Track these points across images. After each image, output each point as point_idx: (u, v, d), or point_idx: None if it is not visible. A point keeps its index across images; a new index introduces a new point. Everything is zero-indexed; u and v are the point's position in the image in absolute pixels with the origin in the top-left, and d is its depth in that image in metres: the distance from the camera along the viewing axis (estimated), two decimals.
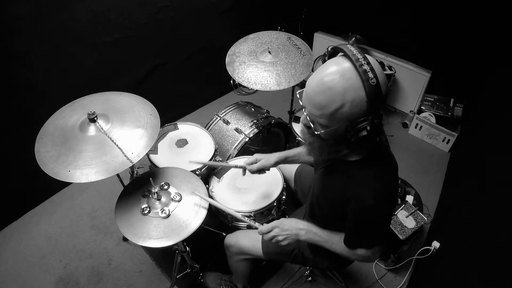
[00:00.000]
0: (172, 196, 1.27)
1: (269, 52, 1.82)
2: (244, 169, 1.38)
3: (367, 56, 0.78)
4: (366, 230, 1.00)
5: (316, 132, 0.86)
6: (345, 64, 0.77)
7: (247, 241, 1.37)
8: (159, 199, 1.23)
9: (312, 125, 0.86)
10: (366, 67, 0.74)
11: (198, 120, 2.01)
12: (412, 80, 2.79)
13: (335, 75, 0.77)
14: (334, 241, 1.10)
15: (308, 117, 0.86)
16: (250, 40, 1.93)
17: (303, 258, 1.33)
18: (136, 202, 1.26)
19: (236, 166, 1.44)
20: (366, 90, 0.74)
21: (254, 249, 1.35)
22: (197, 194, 1.27)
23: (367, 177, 0.92)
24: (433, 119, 2.70)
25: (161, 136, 1.79)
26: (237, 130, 1.92)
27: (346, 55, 0.78)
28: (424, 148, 2.74)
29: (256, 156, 1.36)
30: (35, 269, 1.88)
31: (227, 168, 1.70)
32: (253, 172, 1.35)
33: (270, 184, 1.62)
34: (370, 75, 0.74)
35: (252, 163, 1.35)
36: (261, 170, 1.35)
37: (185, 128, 1.87)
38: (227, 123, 1.97)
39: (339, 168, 1.00)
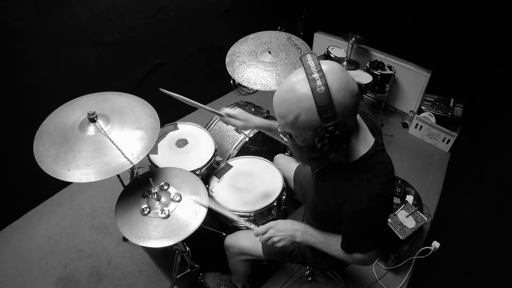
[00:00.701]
0: (172, 196, 1.27)
1: (269, 52, 1.82)
2: (221, 116, 1.29)
3: (327, 63, 0.78)
4: (362, 233, 0.99)
5: (286, 140, 0.91)
6: (301, 74, 0.79)
7: (247, 241, 1.37)
8: (159, 200, 1.23)
9: (282, 135, 0.91)
10: (315, 75, 0.75)
11: (198, 120, 2.01)
12: (412, 80, 2.79)
13: (291, 86, 0.79)
14: (331, 243, 1.10)
15: (278, 128, 0.91)
16: (250, 40, 1.93)
17: (304, 258, 1.33)
18: (136, 203, 1.26)
19: (213, 112, 1.31)
20: (314, 98, 0.75)
21: (254, 249, 1.35)
22: (195, 199, 1.27)
23: (361, 180, 0.92)
24: (433, 119, 2.70)
25: (161, 136, 1.79)
26: (237, 130, 1.92)
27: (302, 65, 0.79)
28: (424, 148, 2.74)
29: (239, 113, 1.27)
30: (35, 269, 1.88)
31: (227, 168, 1.70)
32: (226, 122, 1.29)
33: (270, 184, 1.62)
34: (318, 83, 0.74)
35: (233, 117, 1.27)
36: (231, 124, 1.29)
37: (185, 128, 1.87)
38: None
39: (333, 172, 1.00)
